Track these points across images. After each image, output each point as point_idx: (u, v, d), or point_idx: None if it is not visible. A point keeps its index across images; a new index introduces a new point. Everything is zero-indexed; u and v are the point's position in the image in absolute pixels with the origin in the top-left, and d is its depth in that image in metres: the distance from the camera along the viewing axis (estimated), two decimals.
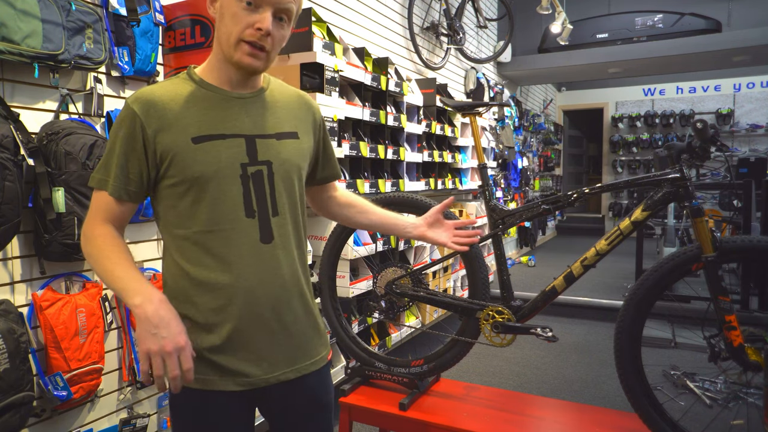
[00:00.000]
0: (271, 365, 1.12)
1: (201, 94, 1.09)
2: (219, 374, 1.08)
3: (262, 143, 1.10)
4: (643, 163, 9.96)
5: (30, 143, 1.64)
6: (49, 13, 1.66)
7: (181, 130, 1.05)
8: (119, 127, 1.06)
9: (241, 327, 1.08)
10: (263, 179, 1.09)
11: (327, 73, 2.59)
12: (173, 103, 1.06)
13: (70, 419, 1.90)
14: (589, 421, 1.70)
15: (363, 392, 1.93)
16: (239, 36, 1.03)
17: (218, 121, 1.07)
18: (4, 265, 1.70)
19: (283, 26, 1.07)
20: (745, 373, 1.48)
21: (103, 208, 1.08)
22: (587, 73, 7.72)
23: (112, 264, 1.04)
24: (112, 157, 1.06)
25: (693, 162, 1.57)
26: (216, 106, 1.08)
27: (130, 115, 1.05)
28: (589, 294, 5.09)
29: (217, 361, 1.08)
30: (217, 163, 1.05)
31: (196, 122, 1.06)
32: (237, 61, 1.05)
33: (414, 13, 4.26)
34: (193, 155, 1.04)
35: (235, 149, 1.07)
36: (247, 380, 1.09)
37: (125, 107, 1.06)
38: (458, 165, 4.50)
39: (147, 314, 0.96)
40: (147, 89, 1.08)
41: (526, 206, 1.77)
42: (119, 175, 1.06)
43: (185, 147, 1.04)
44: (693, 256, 1.51)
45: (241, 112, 1.10)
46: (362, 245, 2.95)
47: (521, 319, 1.76)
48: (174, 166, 1.05)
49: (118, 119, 1.07)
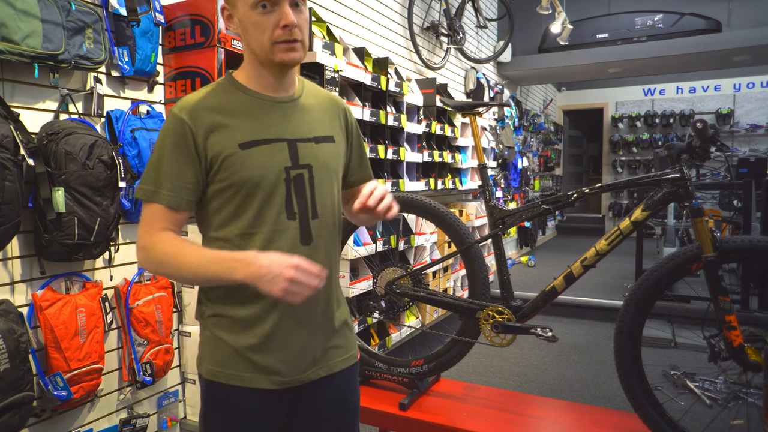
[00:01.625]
0: (305, 364, 1.14)
1: (244, 100, 1.11)
2: (255, 372, 1.10)
3: (302, 147, 1.13)
4: (643, 163, 9.96)
5: (30, 143, 1.64)
6: (49, 13, 1.66)
7: (229, 136, 1.06)
8: (167, 136, 1.06)
9: (281, 327, 1.11)
10: (304, 182, 1.12)
11: (327, 73, 2.59)
12: (218, 109, 1.08)
13: (70, 419, 1.90)
14: (589, 421, 1.70)
15: (363, 392, 1.92)
16: (271, 40, 1.04)
17: (263, 126, 1.10)
18: (4, 265, 1.70)
19: (302, 10, 1.08)
20: (745, 373, 1.48)
21: (159, 218, 1.06)
22: (587, 73, 7.72)
23: (191, 257, 1.02)
24: (163, 167, 1.05)
25: (693, 162, 1.56)
26: (259, 112, 1.11)
27: (179, 123, 1.05)
28: (589, 294, 5.09)
29: (254, 359, 1.10)
30: (263, 168, 1.08)
31: (242, 128, 1.08)
32: (279, 61, 1.06)
33: (414, 13, 4.26)
34: (242, 160, 1.06)
35: (279, 153, 1.10)
36: (281, 379, 1.12)
37: (171, 116, 1.06)
38: (458, 165, 4.50)
39: (254, 276, 0.97)
40: (190, 97, 1.09)
41: (526, 206, 1.77)
42: (175, 185, 1.05)
43: (234, 152, 1.06)
44: (693, 256, 1.51)
45: (282, 116, 1.13)
46: (362, 245, 2.95)
47: (521, 319, 1.76)
48: (222, 171, 1.06)
49: (165, 129, 1.07)
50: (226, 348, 1.10)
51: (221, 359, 1.11)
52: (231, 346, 1.09)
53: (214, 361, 1.11)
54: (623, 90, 10.19)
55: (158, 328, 2.04)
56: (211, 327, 1.13)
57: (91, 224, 1.75)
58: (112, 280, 2.02)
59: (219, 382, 1.10)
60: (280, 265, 0.95)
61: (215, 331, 1.12)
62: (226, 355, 1.10)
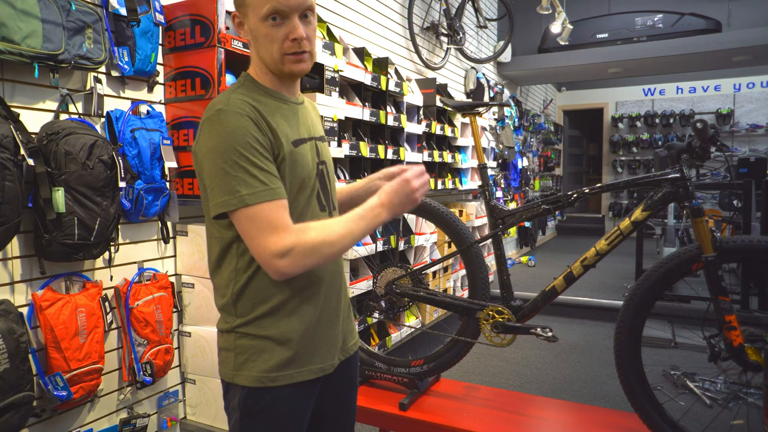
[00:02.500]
0: (336, 350, 1.21)
1: (273, 101, 1.13)
2: (296, 366, 1.11)
3: (319, 145, 1.21)
4: (643, 163, 9.96)
5: (30, 143, 1.64)
6: (49, 13, 1.66)
7: (283, 135, 1.09)
8: (244, 134, 1.01)
9: (321, 315, 1.16)
10: (325, 177, 1.21)
11: (327, 73, 2.59)
12: (267, 110, 1.08)
13: (70, 419, 1.90)
14: (589, 421, 1.70)
15: (363, 392, 1.93)
16: (282, 53, 1.07)
17: (298, 125, 1.15)
18: (4, 265, 1.70)
19: (310, 21, 1.11)
20: (745, 373, 1.48)
21: (281, 213, 1.02)
22: (587, 73, 7.72)
23: (341, 228, 1.05)
24: (258, 164, 1.01)
25: (693, 162, 1.56)
26: (291, 113, 1.15)
27: (248, 120, 1.02)
28: (589, 294, 5.09)
29: (298, 350, 1.11)
30: (309, 164, 1.14)
31: (287, 127, 1.11)
32: (288, 72, 1.10)
33: (414, 13, 4.26)
34: (295, 158, 1.10)
35: (312, 151, 1.17)
36: (320, 367, 1.15)
37: (235, 115, 1.02)
38: (458, 165, 4.50)
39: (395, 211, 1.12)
40: (237, 97, 1.06)
41: (526, 206, 1.77)
42: (275, 175, 1.04)
43: (290, 150, 1.09)
44: (693, 256, 1.51)
45: (303, 116, 1.19)
46: (362, 245, 2.95)
47: (521, 319, 1.76)
48: (283, 168, 1.07)
49: (236, 127, 1.01)
50: (272, 350, 1.09)
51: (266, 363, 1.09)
52: (277, 345, 1.09)
53: (258, 367, 1.09)
54: (623, 90, 10.19)
55: (158, 328, 2.04)
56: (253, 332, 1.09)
57: (91, 224, 1.75)
58: (112, 280, 2.02)
59: (265, 386, 1.09)
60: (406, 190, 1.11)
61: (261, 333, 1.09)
62: (273, 357, 1.09)
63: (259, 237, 0.99)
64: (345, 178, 3.03)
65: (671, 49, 6.20)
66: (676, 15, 6.61)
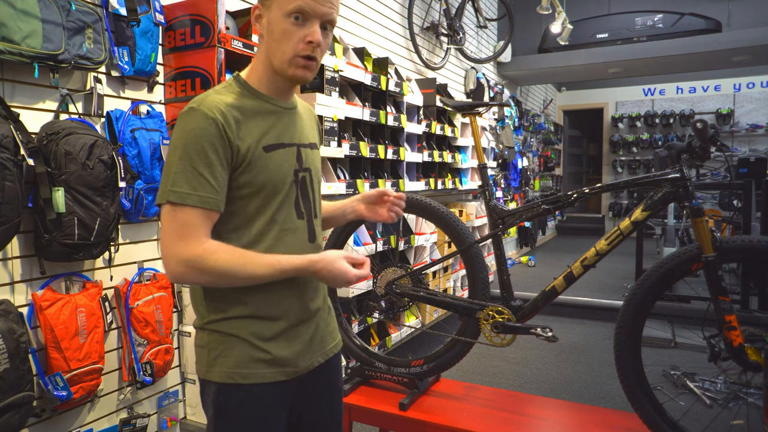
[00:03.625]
0: (311, 353, 1.20)
1: (259, 104, 1.13)
2: (271, 366, 1.12)
3: (304, 151, 1.19)
4: (643, 163, 9.96)
5: (30, 143, 1.64)
6: (49, 13, 1.66)
7: (255, 139, 1.08)
8: (199, 135, 1.01)
9: (295, 321, 1.16)
10: (307, 184, 1.19)
11: (327, 73, 2.59)
12: (241, 112, 1.08)
13: (70, 419, 1.90)
14: (589, 421, 1.70)
15: (363, 392, 1.93)
16: (294, 52, 1.07)
17: (279, 130, 1.14)
18: (4, 265, 1.70)
19: (328, 34, 1.11)
20: (745, 373, 1.48)
21: (200, 223, 1.01)
22: (587, 73, 7.72)
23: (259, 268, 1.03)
24: (198, 167, 1.00)
25: (693, 162, 1.56)
26: (274, 116, 1.14)
27: (212, 123, 1.02)
28: (589, 294, 5.09)
29: (270, 350, 1.11)
30: (282, 171, 1.12)
31: (263, 131, 1.10)
32: (291, 75, 1.09)
33: (414, 13, 4.26)
34: (265, 163, 1.09)
35: (291, 157, 1.15)
36: (294, 369, 1.15)
37: (201, 116, 1.02)
38: (458, 165, 4.50)
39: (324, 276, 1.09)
40: (213, 97, 1.06)
41: (526, 206, 1.77)
42: (214, 186, 1.02)
43: (259, 155, 1.08)
44: (693, 256, 1.51)
45: (290, 122, 1.17)
46: (362, 245, 2.95)
47: (521, 319, 1.76)
48: (247, 172, 1.07)
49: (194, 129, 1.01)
50: (242, 347, 1.10)
51: (237, 358, 1.09)
52: (248, 344, 1.09)
53: (229, 363, 1.09)
54: (623, 90, 10.19)
55: (158, 328, 2.04)
56: (226, 328, 1.10)
57: (91, 224, 1.75)
58: (112, 280, 2.02)
59: (236, 383, 1.09)
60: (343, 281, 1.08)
61: (231, 331, 1.10)
62: (242, 352, 1.09)
63: (169, 237, 1.01)
64: (345, 178, 3.03)
65: (671, 49, 6.20)
66: (676, 15, 6.62)
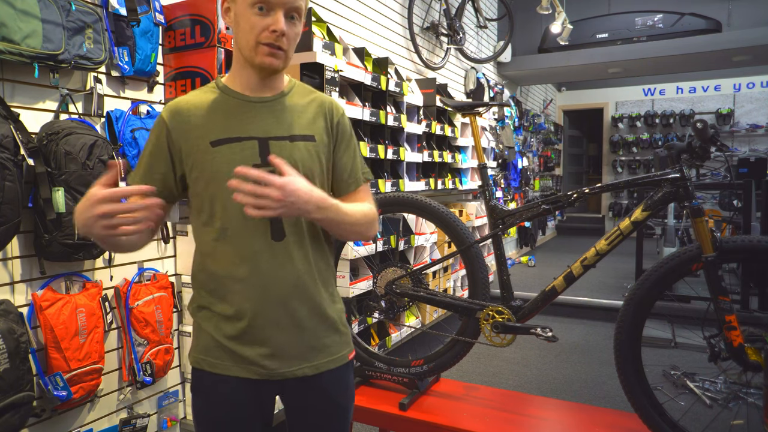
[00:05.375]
0: (286, 360, 1.15)
1: (223, 100, 1.16)
2: (234, 362, 1.15)
3: (275, 145, 1.14)
4: (643, 163, 9.96)
5: (30, 143, 1.64)
6: (49, 13, 1.66)
7: (203, 135, 1.13)
8: (151, 133, 1.18)
9: (256, 322, 1.14)
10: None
11: (327, 73, 2.59)
12: (197, 109, 1.15)
13: (70, 419, 1.90)
14: (589, 421, 1.70)
15: (363, 392, 1.93)
16: (256, 40, 1.09)
17: (235, 124, 1.14)
18: (4, 265, 1.70)
19: (295, 24, 1.12)
20: (745, 373, 1.48)
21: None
22: (587, 73, 7.72)
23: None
24: (142, 160, 1.18)
25: (693, 162, 1.56)
26: (235, 111, 1.15)
27: (159, 123, 1.16)
28: (589, 294, 5.09)
29: (234, 349, 1.15)
30: (230, 164, 1.07)
31: (215, 127, 1.13)
32: (259, 63, 1.11)
33: (414, 13, 4.26)
34: (211, 157, 1.12)
35: (249, 151, 1.13)
36: (261, 371, 1.15)
37: (158, 117, 1.18)
38: (458, 165, 4.50)
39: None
40: (177, 99, 1.19)
41: (526, 206, 1.77)
42: (144, 176, 1.16)
43: (205, 150, 1.12)
44: (693, 256, 1.51)
45: (258, 115, 1.15)
46: (362, 245, 2.95)
47: (521, 319, 1.76)
48: (196, 168, 1.13)
49: (152, 127, 1.19)
50: (208, 337, 1.16)
51: (204, 347, 1.17)
52: (212, 336, 1.16)
53: (198, 349, 1.18)
54: (623, 90, 10.18)
55: (158, 328, 2.04)
56: (197, 318, 1.19)
57: None
58: (112, 280, 2.02)
59: (203, 369, 1.17)
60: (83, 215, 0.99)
61: (200, 322, 1.18)
62: (209, 343, 1.16)
63: None
64: None
65: (671, 49, 6.20)
66: (676, 15, 6.61)
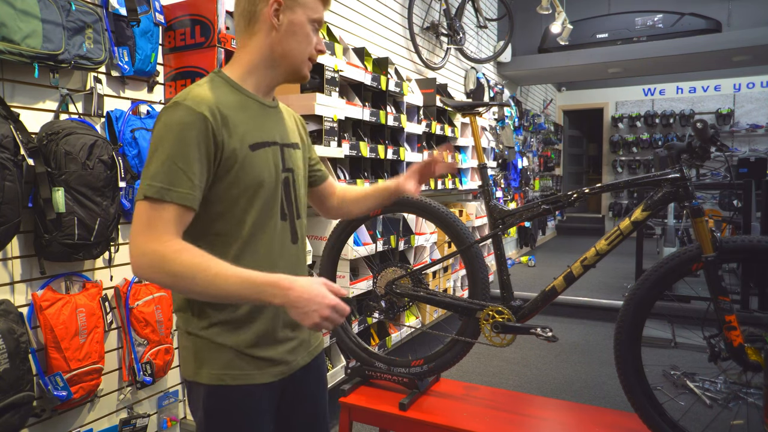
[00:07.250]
0: (296, 352, 1.20)
1: (243, 100, 1.11)
2: (257, 367, 1.12)
3: (287, 151, 1.18)
4: (643, 163, 9.96)
5: (30, 143, 1.64)
6: (49, 13, 1.66)
7: (241, 137, 1.06)
8: (184, 130, 0.97)
9: (276, 322, 1.14)
10: (290, 185, 1.18)
11: (327, 73, 2.59)
12: (229, 109, 1.05)
13: (70, 419, 1.90)
14: (589, 421, 1.70)
15: (363, 392, 1.93)
16: (309, 55, 1.15)
17: (264, 128, 1.13)
18: (4, 265, 1.70)
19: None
20: (745, 373, 1.48)
21: (172, 221, 0.96)
22: (587, 73, 7.72)
23: (221, 275, 0.94)
24: (179, 163, 0.96)
25: (693, 162, 1.57)
26: (259, 114, 1.13)
27: (199, 119, 0.99)
28: (589, 294, 5.09)
29: (257, 355, 1.12)
30: (268, 169, 1.10)
31: (248, 129, 1.08)
32: (303, 75, 1.16)
33: (414, 13, 4.26)
34: (251, 161, 1.07)
35: (276, 156, 1.14)
36: (280, 369, 1.16)
37: (186, 110, 0.99)
38: (458, 165, 4.50)
39: (291, 304, 0.94)
40: (199, 92, 1.03)
41: (526, 206, 1.77)
42: (193, 183, 0.98)
43: (246, 154, 1.06)
44: (693, 256, 1.51)
45: (273, 120, 1.17)
46: (362, 245, 2.95)
47: (521, 319, 1.76)
48: (233, 172, 1.04)
49: (179, 123, 0.98)
50: (226, 350, 1.10)
51: (225, 362, 1.09)
52: (231, 348, 1.10)
53: (217, 365, 1.09)
54: (623, 90, 10.19)
55: (158, 328, 2.04)
56: (207, 335, 1.10)
57: (91, 224, 1.75)
58: (112, 280, 2.02)
59: (225, 384, 1.09)
60: (320, 303, 0.93)
61: (213, 338, 1.09)
62: (229, 356, 1.10)
63: (136, 228, 0.96)
64: (345, 178, 3.03)
65: (671, 49, 6.20)
66: (676, 15, 6.61)
